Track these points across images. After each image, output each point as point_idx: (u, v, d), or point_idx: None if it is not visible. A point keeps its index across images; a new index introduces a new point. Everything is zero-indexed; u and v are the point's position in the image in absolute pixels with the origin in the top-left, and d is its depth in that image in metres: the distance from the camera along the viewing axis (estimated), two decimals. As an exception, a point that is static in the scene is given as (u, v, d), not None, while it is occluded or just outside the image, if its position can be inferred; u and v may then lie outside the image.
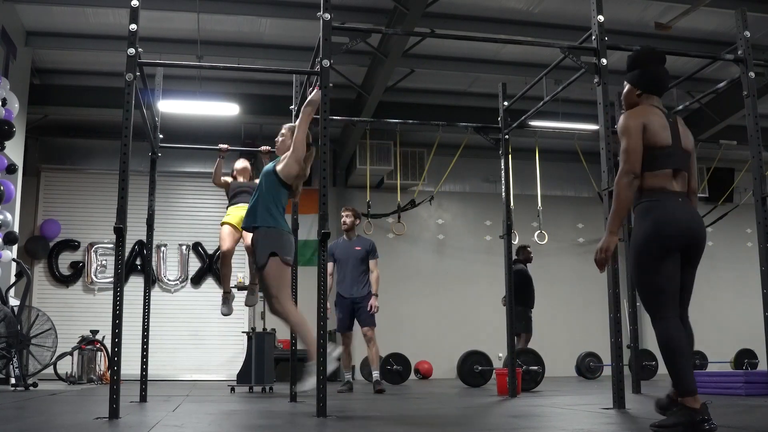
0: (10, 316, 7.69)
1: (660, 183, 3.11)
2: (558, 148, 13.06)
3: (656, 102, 3.28)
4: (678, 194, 3.12)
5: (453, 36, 5.78)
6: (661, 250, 3.03)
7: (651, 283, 3.05)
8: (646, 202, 3.11)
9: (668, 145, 3.14)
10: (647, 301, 3.08)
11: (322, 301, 4.18)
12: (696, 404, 2.90)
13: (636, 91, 3.31)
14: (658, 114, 3.20)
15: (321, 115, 4.35)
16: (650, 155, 3.11)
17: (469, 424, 3.70)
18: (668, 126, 3.18)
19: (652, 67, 3.31)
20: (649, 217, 3.08)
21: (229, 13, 9.14)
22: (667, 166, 3.12)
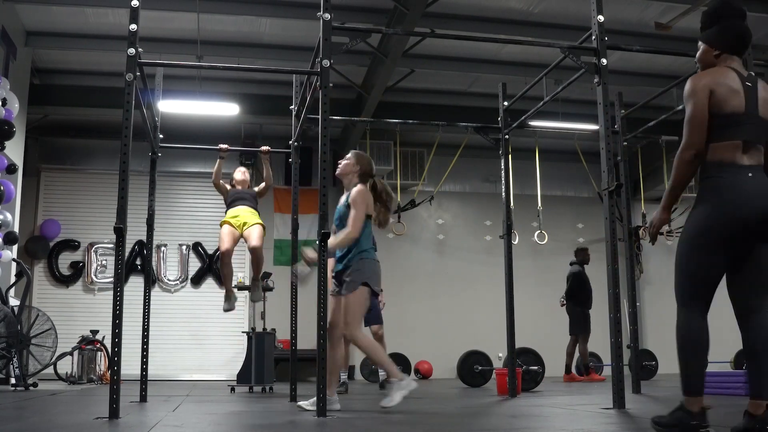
0: (10, 316, 7.69)
1: (728, 156, 2.75)
2: (558, 148, 13.06)
3: (736, 63, 2.92)
4: (748, 168, 2.74)
5: (453, 36, 5.78)
6: (723, 238, 2.73)
7: (694, 270, 2.79)
8: (712, 178, 2.77)
9: (740, 113, 2.77)
10: (682, 284, 2.84)
11: (322, 301, 4.18)
12: (695, 407, 2.78)
13: (713, 51, 2.96)
14: (732, 76, 2.83)
15: (321, 115, 4.35)
16: (717, 123, 2.76)
17: (469, 424, 3.70)
18: (742, 90, 2.80)
19: (731, 23, 2.98)
20: (711, 197, 2.75)
21: (229, 13, 9.14)
22: (736, 136, 2.75)
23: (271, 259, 12.24)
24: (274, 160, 12.88)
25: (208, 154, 12.40)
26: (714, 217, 2.73)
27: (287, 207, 12.07)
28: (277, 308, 9.61)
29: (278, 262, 12.13)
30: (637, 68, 10.62)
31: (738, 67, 2.91)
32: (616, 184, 4.65)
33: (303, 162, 9.84)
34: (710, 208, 2.75)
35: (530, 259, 12.72)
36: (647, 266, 12.93)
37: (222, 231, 6.78)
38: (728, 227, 2.72)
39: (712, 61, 2.96)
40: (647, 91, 9.32)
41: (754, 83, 2.86)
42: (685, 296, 2.84)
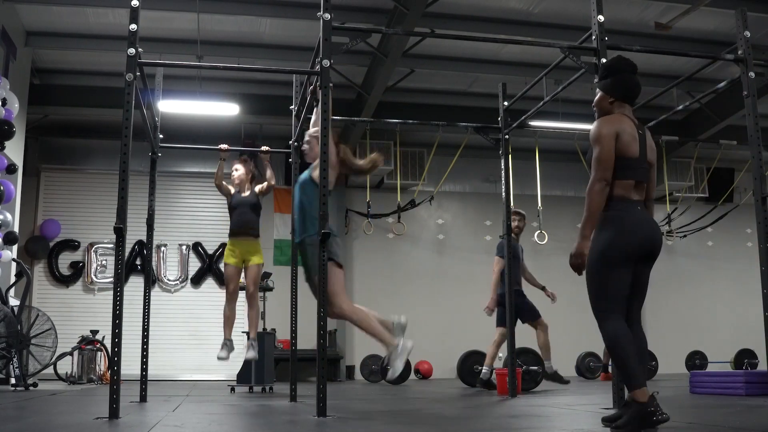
0: (10, 316, 7.69)
1: (624, 192, 3.24)
2: (558, 148, 13.06)
3: (627, 111, 3.38)
4: (637, 203, 3.27)
5: (453, 36, 5.78)
6: (622, 257, 3.19)
7: (606, 287, 3.21)
8: (611, 211, 3.24)
9: (635, 157, 3.25)
10: (599, 301, 3.24)
11: (322, 301, 4.18)
12: (644, 397, 3.05)
13: (609, 99, 3.40)
14: (630, 124, 3.30)
15: (321, 115, 4.35)
16: (618, 165, 3.22)
17: (469, 424, 3.70)
18: (638, 138, 3.28)
19: (626, 76, 3.42)
20: (613, 225, 3.22)
21: (229, 13, 9.14)
22: (632, 177, 3.24)
23: (271, 259, 12.25)
24: (274, 160, 12.93)
25: (208, 154, 12.41)
26: (618, 239, 3.20)
27: (287, 207, 12.07)
28: (277, 308, 9.61)
29: (278, 262, 12.13)
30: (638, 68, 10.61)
31: (630, 115, 3.37)
32: (615, 184, 4.65)
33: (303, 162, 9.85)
34: (614, 232, 3.21)
35: (530, 259, 12.69)
36: (647, 266, 12.94)
37: (227, 271, 6.93)
38: (628, 247, 3.20)
39: (607, 107, 3.41)
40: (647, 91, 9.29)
41: (643, 131, 3.34)
42: (603, 308, 3.23)
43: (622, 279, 3.22)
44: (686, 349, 11.76)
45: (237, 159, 12.48)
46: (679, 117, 12.08)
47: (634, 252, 3.21)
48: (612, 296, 3.21)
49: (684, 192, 12.92)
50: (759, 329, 5.26)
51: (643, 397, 3.05)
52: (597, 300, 3.25)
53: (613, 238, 3.21)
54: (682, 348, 11.77)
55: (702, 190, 13.28)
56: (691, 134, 12.09)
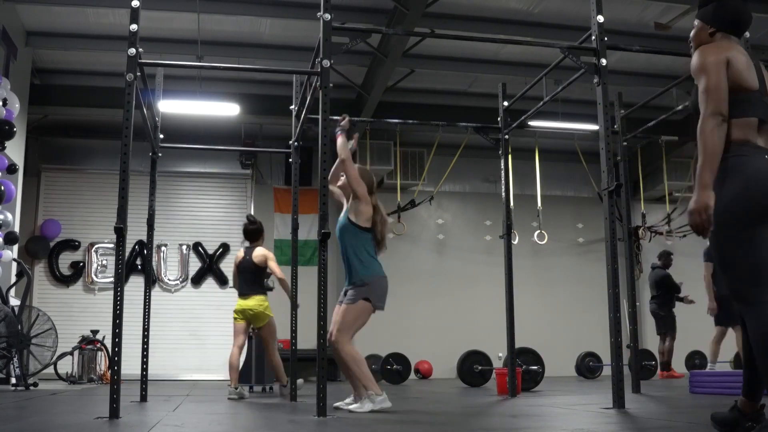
0: (10, 316, 7.69)
1: (742, 134, 2.58)
2: (558, 148, 13.06)
3: (734, 42, 2.75)
4: (765, 150, 2.58)
5: (453, 36, 5.79)
6: (755, 215, 2.49)
7: (743, 258, 2.48)
8: (732, 158, 2.55)
9: (755, 89, 2.62)
10: (738, 280, 2.51)
11: (322, 300, 4.18)
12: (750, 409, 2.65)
13: (708, 29, 2.77)
14: (741, 51, 2.66)
15: (321, 115, 4.35)
16: (733, 99, 2.56)
17: (469, 424, 3.71)
18: (754, 67, 2.65)
19: (733, 2, 2.78)
20: (736, 176, 2.52)
21: (229, 13, 9.14)
22: (753, 113, 2.59)
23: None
24: (273, 160, 12.98)
25: (208, 154, 12.42)
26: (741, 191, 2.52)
27: (287, 207, 12.09)
28: (277, 308, 9.60)
29: (278, 262, 12.12)
30: (637, 68, 10.62)
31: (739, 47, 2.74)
32: (615, 184, 4.66)
33: (303, 162, 9.87)
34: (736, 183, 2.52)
35: (530, 259, 12.73)
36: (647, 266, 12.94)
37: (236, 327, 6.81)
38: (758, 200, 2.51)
39: (707, 39, 2.78)
40: (647, 91, 9.31)
41: (758, 64, 2.74)
42: (749, 291, 2.48)
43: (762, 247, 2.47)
44: (686, 349, 11.76)
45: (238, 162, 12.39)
46: (679, 117, 12.03)
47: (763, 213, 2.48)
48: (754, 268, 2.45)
49: (684, 192, 12.91)
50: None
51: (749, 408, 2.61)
52: (735, 279, 2.52)
53: (740, 189, 2.50)
54: (682, 348, 11.76)
55: (702, 189, 13.26)
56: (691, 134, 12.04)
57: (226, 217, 12.63)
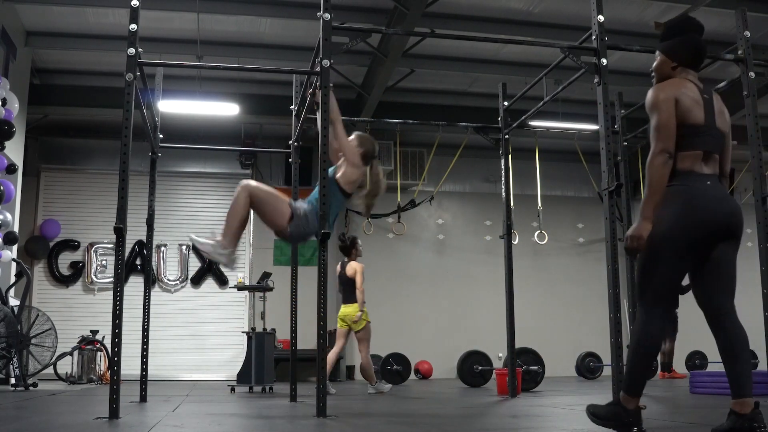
0: (10, 316, 7.69)
1: (688, 164, 2.86)
2: (558, 148, 13.06)
3: (692, 76, 3.00)
4: (707, 177, 2.86)
5: (453, 36, 5.78)
6: (684, 241, 2.81)
7: (660, 273, 2.85)
8: (673, 186, 2.86)
9: (700, 124, 2.87)
10: (647, 288, 2.90)
11: (322, 301, 4.18)
12: (632, 405, 2.89)
13: (671, 63, 3.02)
14: (692, 88, 2.92)
15: (321, 114, 4.35)
16: (680, 134, 2.85)
17: (469, 424, 3.70)
18: (702, 102, 2.90)
19: (692, 37, 3.01)
20: (675, 202, 2.83)
21: (229, 13, 9.14)
22: (699, 146, 2.86)
23: (270, 259, 12.25)
24: (273, 160, 12.97)
25: (208, 154, 12.43)
26: (682, 222, 2.82)
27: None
28: (277, 308, 9.61)
29: (278, 262, 12.14)
30: (637, 68, 10.61)
31: (694, 80, 2.99)
32: (616, 184, 4.65)
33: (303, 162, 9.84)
34: (677, 213, 2.83)
35: (530, 259, 12.72)
36: (647, 266, 12.96)
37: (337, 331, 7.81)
38: (695, 231, 2.81)
39: (669, 72, 3.03)
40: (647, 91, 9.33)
41: (710, 95, 2.96)
42: (650, 299, 2.90)
43: (678, 269, 2.84)
44: (686, 349, 11.77)
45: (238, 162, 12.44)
46: (679, 117, 12.08)
47: (703, 233, 2.81)
48: (663, 284, 2.86)
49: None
50: (759, 329, 5.26)
51: (631, 405, 2.89)
52: (643, 288, 2.91)
53: (675, 219, 2.81)
54: (682, 348, 11.76)
55: (702, 189, 13.29)
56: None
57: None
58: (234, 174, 12.63)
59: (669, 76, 3.02)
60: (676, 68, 3.02)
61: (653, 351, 2.89)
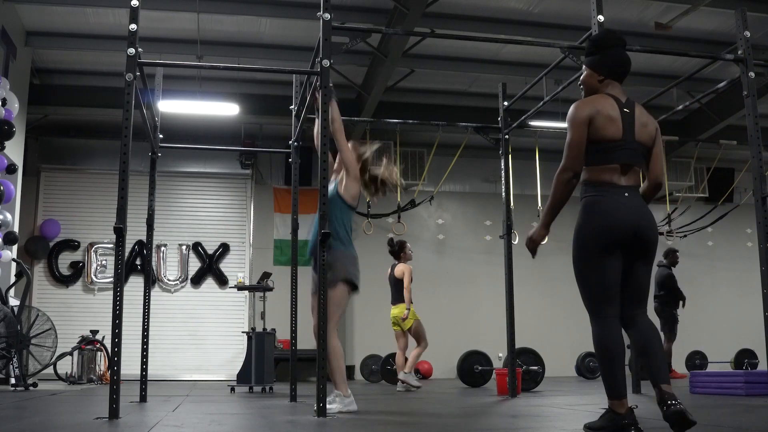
0: (10, 316, 7.69)
1: (606, 177, 2.99)
2: (558, 148, 12.98)
3: (617, 89, 3.11)
4: (625, 188, 2.98)
5: (453, 36, 5.78)
6: (603, 246, 2.94)
7: (590, 280, 2.98)
8: (590, 196, 3.01)
9: (617, 139, 2.98)
10: (586, 297, 3.01)
11: (322, 301, 4.18)
12: (622, 409, 2.92)
13: (598, 77, 3.14)
14: (611, 104, 3.02)
15: (321, 115, 4.35)
16: (596, 149, 2.99)
17: (469, 424, 3.70)
18: (620, 117, 3.00)
19: (616, 51, 3.13)
20: (592, 212, 2.98)
21: (229, 13, 9.14)
22: (616, 160, 2.98)
23: (271, 259, 12.25)
24: (273, 160, 12.98)
25: (208, 154, 12.42)
26: (599, 226, 2.96)
27: (287, 207, 12.08)
28: (277, 308, 9.61)
29: (278, 262, 12.14)
30: (637, 68, 10.53)
31: (618, 94, 3.09)
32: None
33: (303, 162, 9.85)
34: (591, 217, 2.98)
35: (530, 259, 12.65)
36: (647, 266, 12.95)
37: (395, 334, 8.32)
38: (609, 237, 2.94)
39: (596, 85, 3.15)
40: (647, 91, 9.31)
41: (631, 109, 3.05)
42: (596, 307, 2.99)
43: (606, 272, 2.94)
44: (686, 349, 11.77)
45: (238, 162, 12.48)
46: (679, 117, 12.08)
47: (617, 238, 2.92)
48: (596, 293, 2.96)
49: (684, 192, 12.92)
50: (759, 329, 5.26)
51: (621, 408, 2.92)
52: (584, 298, 3.04)
53: (586, 224, 2.99)
54: (682, 348, 11.77)
55: (702, 190, 13.28)
56: (691, 134, 12.09)
57: (225, 217, 12.64)
58: (234, 174, 12.64)
59: (596, 88, 3.14)
60: (603, 81, 3.13)
61: (618, 354, 2.94)
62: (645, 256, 3.00)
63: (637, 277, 3.00)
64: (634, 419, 2.92)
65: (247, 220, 12.66)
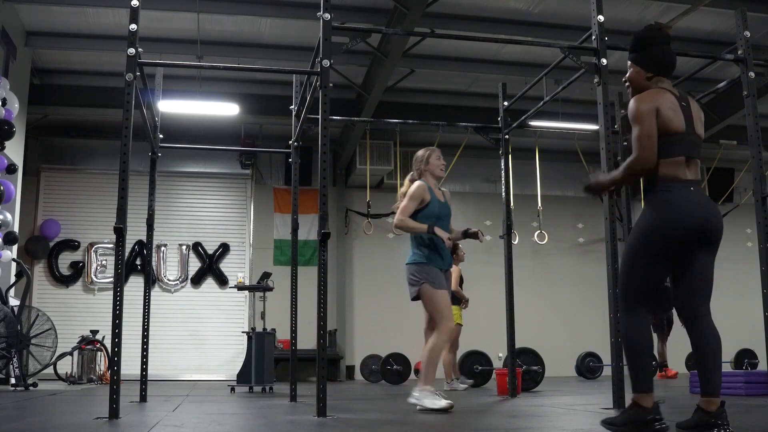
0: (10, 316, 7.69)
1: (672, 171, 2.96)
2: (558, 148, 13.06)
3: (667, 84, 3.11)
4: (691, 183, 2.97)
5: (453, 36, 5.78)
6: (664, 246, 2.92)
7: (638, 274, 2.98)
8: (658, 192, 2.96)
9: (682, 131, 2.98)
10: (626, 288, 3.02)
11: (322, 301, 4.18)
12: (648, 403, 2.90)
13: (646, 74, 3.12)
14: (670, 98, 3.02)
15: (321, 115, 4.35)
16: (663, 141, 2.95)
17: (469, 424, 3.70)
18: (681, 110, 3.01)
19: (662, 48, 3.15)
20: (659, 208, 2.94)
21: (229, 13, 9.14)
22: (681, 153, 2.97)
23: (271, 259, 12.25)
24: (273, 160, 12.96)
25: (208, 154, 12.42)
26: (662, 226, 2.93)
27: (287, 207, 12.08)
28: (277, 308, 9.61)
29: (278, 262, 12.14)
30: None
31: (670, 88, 3.09)
32: (616, 184, 4.64)
33: (303, 162, 9.86)
34: (658, 218, 2.94)
35: (530, 259, 12.72)
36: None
37: None
38: (674, 236, 2.92)
39: (644, 83, 3.13)
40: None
41: (687, 103, 3.06)
42: (631, 302, 3.00)
43: (656, 272, 2.96)
44: (686, 349, 11.76)
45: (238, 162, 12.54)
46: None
47: (682, 238, 2.91)
48: (642, 285, 2.97)
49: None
50: (759, 329, 5.25)
51: (647, 402, 2.89)
52: (623, 288, 3.03)
53: (656, 224, 2.93)
54: (682, 348, 11.76)
55: (702, 189, 13.30)
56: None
57: (225, 217, 12.64)
58: (234, 174, 12.64)
59: (645, 86, 3.12)
60: (652, 78, 3.12)
61: (646, 349, 2.97)
62: (712, 249, 2.98)
63: (701, 268, 2.97)
64: (659, 413, 2.90)
65: (247, 220, 12.66)
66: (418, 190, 4.79)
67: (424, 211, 4.79)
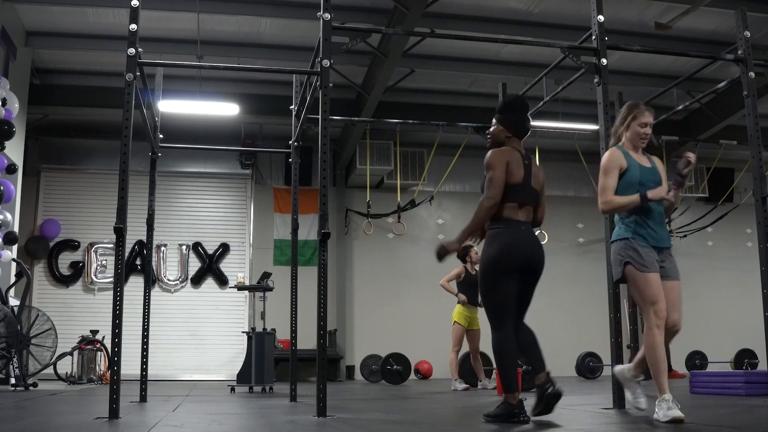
0: (10, 316, 7.69)
1: (510, 213, 3.72)
2: (558, 148, 13.06)
3: (517, 144, 3.86)
4: (521, 223, 3.75)
5: (453, 36, 5.78)
6: (504, 270, 3.66)
7: (495, 298, 3.70)
8: (495, 228, 3.74)
9: (520, 183, 3.72)
10: (491, 312, 3.74)
11: (322, 301, 4.18)
12: (514, 400, 3.69)
13: (506, 133, 3.87)
14: (518, 156, 3.79)
15: (321, 115, 4.35)
16: (505, 190, 3.70)
17: (469, 424, 3.70)
18: (523, 167, 3.76)
19: (520, 116, 3.90)
20: (497, 242, 3.69)
21: (229, 13, 9.14)
22: (516, 199, 3.72)
23: (271, 259, 12.25)
24: (273, 160, 12.98)
25: (208, 154, 12.42)
26: (503, 255, 3.68)
27: (287, 207, 12.08)
28: (277, 308, 9.61)
29: (278, 262, 12.14)
30: (637, 68, 10.61)
31: (520, 148, 3.87)
32: (615, 184, 4.64)
33: (303, 162, 9.87)
34: (498, 249, 3.69)
35: (530, 259, 12.70)
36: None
37: None
38: (511, 260, 3.67)
39: (502, 139, 3.90)
40: (647, 91, 9.31)
41: (529, 161, 3.84)
42: (498, 320, 3.72)
43: (509, 289, 3.69)
44: (686, 349, 11.77)
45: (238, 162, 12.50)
46: (679, 117, 12.08)
47: (516, 265, 3.66)
48: (500, 305, 3.69)
49: (684, 192, 12.92)
50: (759, 329, 5.26)
51: (514, 400, 3.69)
52: (489, 309, 3.74)
53: (498, 252, 3.67)
54: (682, 348, 11.77)
55: (702, 190, 13.28)
56: (691, 134, 12.09)
57: (225, 217, 12.64)
58: (234, 174, 12.64)
59: (502, 142, 3.88)
60: (509, 137, 3.87)
61: (513, 357, 3.76)
62: (533, 278, 3.79)
63: (525, 295, 3.81)
64: (523, 408, 3.69)
65: (247, 220, 12.66)
66: (610, 159, 3.91)
67: (621, 180, 3.93)
